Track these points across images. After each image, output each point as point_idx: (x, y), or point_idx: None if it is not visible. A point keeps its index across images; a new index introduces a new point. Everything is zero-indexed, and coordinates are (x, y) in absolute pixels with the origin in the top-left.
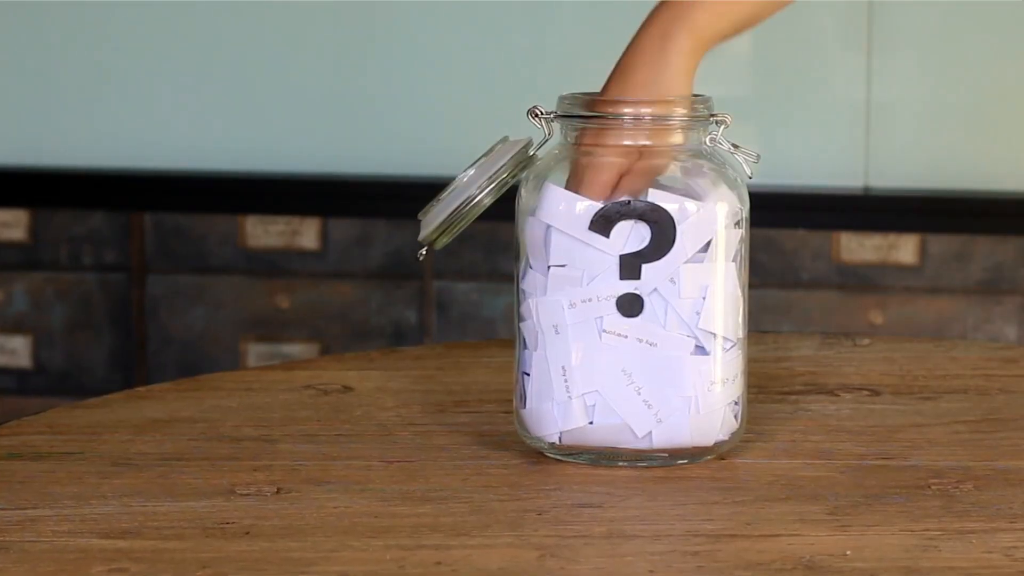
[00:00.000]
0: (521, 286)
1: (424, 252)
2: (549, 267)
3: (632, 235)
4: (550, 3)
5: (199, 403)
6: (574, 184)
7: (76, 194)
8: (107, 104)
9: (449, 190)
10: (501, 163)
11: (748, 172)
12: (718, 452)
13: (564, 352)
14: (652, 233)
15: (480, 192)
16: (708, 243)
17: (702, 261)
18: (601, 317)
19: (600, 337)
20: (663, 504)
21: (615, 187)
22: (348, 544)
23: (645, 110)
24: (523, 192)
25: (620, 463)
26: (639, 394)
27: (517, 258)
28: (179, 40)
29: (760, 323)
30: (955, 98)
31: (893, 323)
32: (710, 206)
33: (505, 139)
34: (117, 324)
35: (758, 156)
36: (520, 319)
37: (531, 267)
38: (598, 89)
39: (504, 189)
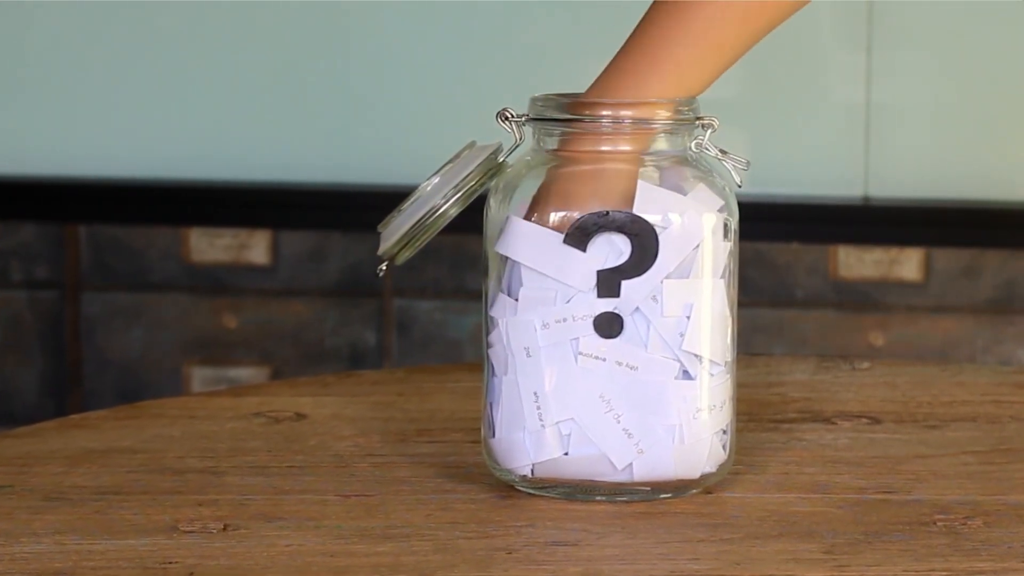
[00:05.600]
0: (490, 312)
1: (384, 268)
2: (521, 287)
3: (611, 249)
4: (521, 2)
5: (139, 432)
6: (551, 199)
7: (4, 204)
8: (37, 106)
9: (411, 200)
10: (468, 170)
11: (737, 180)
12: (704, 485)
13: (536, 377)
14: (632, 247)
15: (445, 202)
16: (693, 257)
17: (687, 277)
18: (577, 338)
19: (576, 360)
20: (644, 542)
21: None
22: None
23: (625, 113)
24: (492, 202)
25: (598, 497)
26: (618, 422)
27: (486, 274)
28: (115, 38)
29: (750, 345)
30: (962, 100)
31: (895, 345)
32: (695, 217)
33: (472, 144)
34: (49, 346)
35: (748, 163)
36: (488, 345)
37: (501, 289)
38: (572, 91)
39: (471, 199)
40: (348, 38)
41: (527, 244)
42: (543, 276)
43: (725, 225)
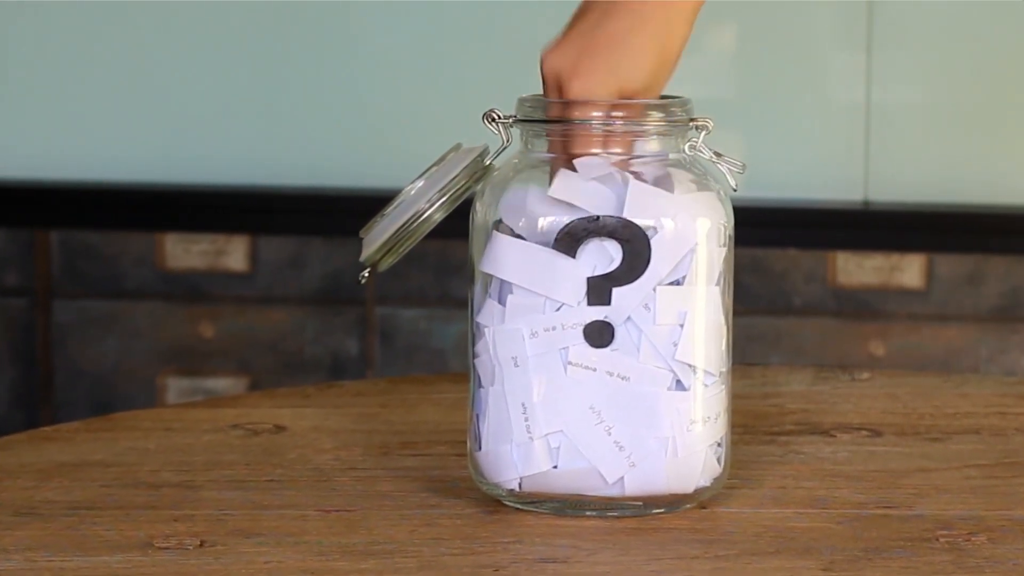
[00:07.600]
0: (476, 320)
1: (366, 274)
2: (509, 294)
3: (601, 255)
4: (508, 1)
5: (112, 445)
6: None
7: None
8: (6, 108)
9: (395, 204)
10: (454, 174)
11: (733, 184)
12: (699, 500)
13: (524, 387)
14: (624, 253)
15: (430, 206)
16: (687, 264)
17: (680, 284)
18: (566, 348)
19: (565, 370)
20: (636, 559)
21: None
22: None
23: (617, 114)
24: (478, 206)
25: (588, 512)
26: (609, 434)
27: (472, 281)
28: (88, 40)
29: (746, 354)
30: (964, 102)
31: (896, 355)
32: (689, 222)
33: (458, 146)
34: (19, 355)
35: (744, 166)
36: (475, 355)
37: (489, 295)
38: None
39: (457, 203)
40: (329, 39)
41: (513, 260)
42: (531, 276)
43: (720, 230)
